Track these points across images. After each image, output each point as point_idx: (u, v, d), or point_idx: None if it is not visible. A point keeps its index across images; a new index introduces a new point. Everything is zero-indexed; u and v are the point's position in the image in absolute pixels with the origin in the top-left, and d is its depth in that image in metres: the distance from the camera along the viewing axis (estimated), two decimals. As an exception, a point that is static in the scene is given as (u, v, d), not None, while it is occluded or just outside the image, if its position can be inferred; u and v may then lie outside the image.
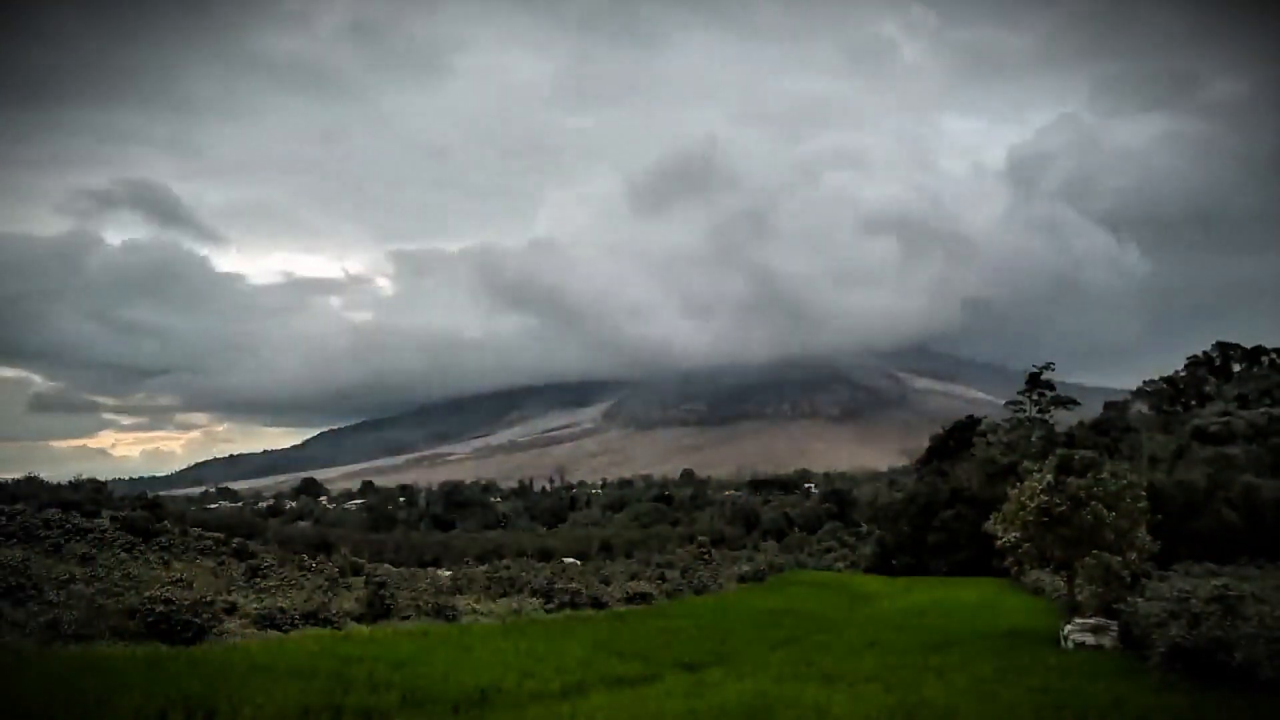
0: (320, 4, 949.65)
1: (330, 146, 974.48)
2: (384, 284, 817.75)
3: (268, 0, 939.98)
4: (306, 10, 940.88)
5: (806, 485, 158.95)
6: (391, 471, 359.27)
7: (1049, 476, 19.83)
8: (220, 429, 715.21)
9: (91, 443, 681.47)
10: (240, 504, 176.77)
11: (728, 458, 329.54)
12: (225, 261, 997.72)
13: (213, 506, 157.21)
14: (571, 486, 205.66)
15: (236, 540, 52.05)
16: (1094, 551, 19.15)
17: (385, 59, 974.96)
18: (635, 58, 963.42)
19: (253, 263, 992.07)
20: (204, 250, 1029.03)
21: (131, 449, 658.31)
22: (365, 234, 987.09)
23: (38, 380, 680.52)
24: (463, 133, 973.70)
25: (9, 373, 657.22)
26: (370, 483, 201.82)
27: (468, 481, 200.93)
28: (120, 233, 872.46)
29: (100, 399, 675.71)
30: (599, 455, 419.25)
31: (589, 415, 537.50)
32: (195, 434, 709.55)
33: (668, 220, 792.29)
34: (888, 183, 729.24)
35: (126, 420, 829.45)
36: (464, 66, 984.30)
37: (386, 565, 54.27)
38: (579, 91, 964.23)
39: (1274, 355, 67.61)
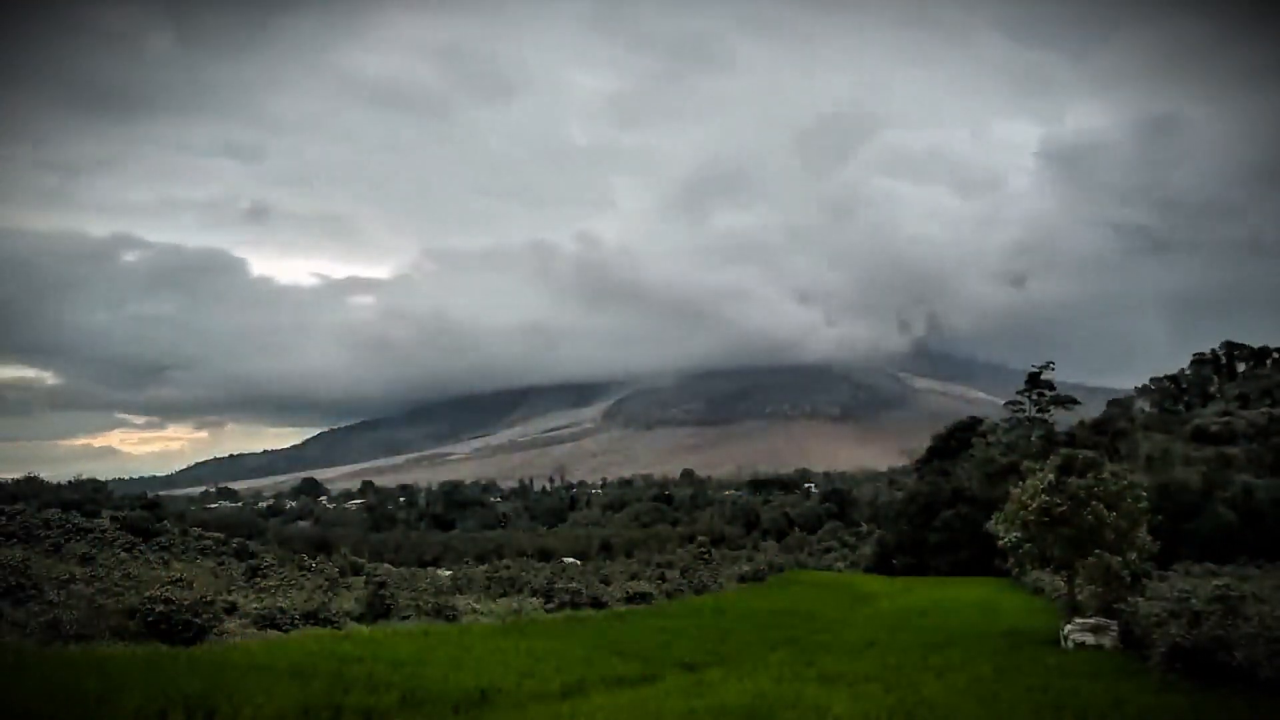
0: (411, 28, 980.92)
1: (398, 159, 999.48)
2: (423, 285, 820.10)
3: (362, 24, 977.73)
4: (400, 34, 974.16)
5: (806, 485, 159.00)
6: (391, 471, 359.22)
7: (1050, 476, 19.80)
8: (227, 428, 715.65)
9: (97, 441, 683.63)
10: (240, 504, 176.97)
11: (728, 458, 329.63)
12: (263, 265, 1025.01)
13: (213, 506, 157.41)
14: (571, 486, 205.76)
15: (236, 540, 52.21)
16: (1095, 551, 19.13)
17: (468, 79, 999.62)
18: (697, 75, 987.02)
19: (290, 266, 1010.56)
20: (244, 253, 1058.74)
21: (137, 448, 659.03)
22: (411, 239, 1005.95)
23: (49, 377, 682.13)
24: (526, 146, 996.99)
25: (28, 372, 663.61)
26: (370, 483, 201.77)
27: (468, 481, 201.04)
28: (165, 236, 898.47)
29: (110, 399, 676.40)
30: (599, 455, 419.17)
31: (589, 415, 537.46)
32: (202, 434, 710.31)
33: (706, 222, 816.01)
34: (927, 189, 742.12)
35: (138, 419, 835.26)
36: (537, 85, 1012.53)
37: (386, 565, 54.33)
38: (639, 106, 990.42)
39: (1278, 355, 67.60)
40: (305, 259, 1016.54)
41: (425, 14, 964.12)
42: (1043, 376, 57.36)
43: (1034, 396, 57.33)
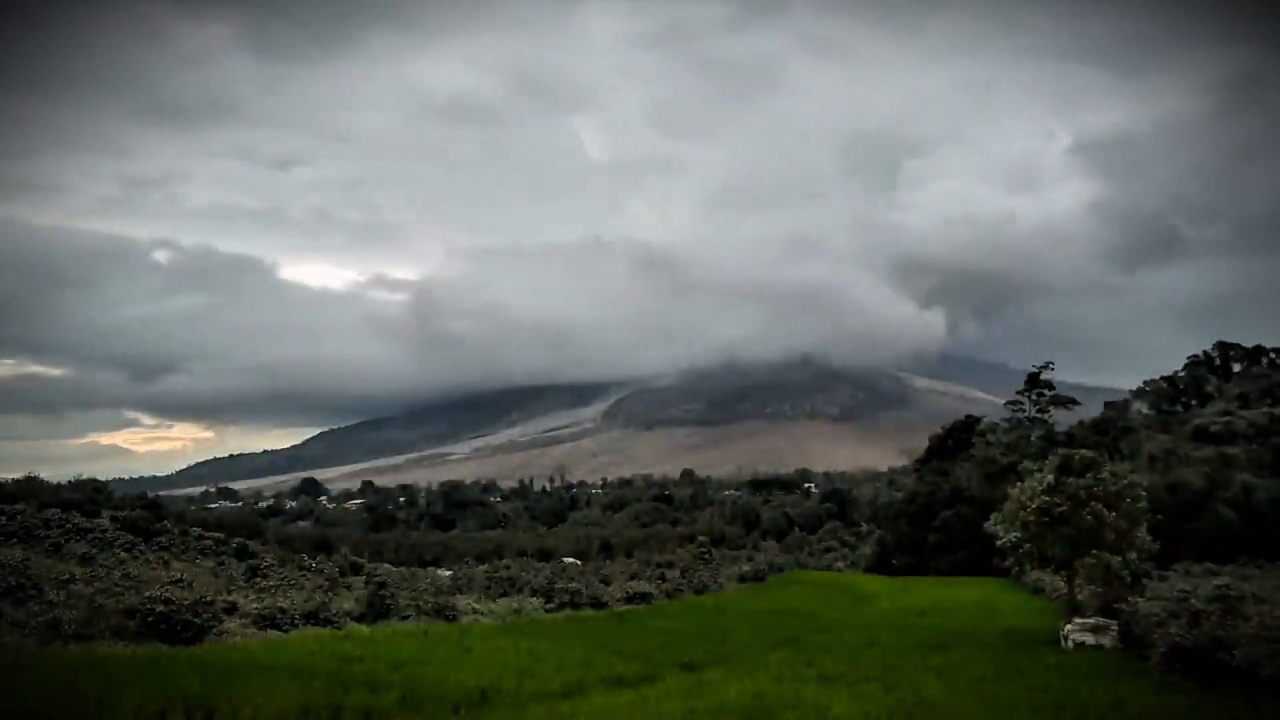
0: (478, 45, 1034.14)
1: (448, 168, 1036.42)
2: (448, 286, 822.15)
3: (437, 44, 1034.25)
4: (465, 50, 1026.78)
5: (806, 485, 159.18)
6: (391, 471, 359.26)
7: (1049, 476, 19.80)
8: (229, 428, 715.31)
9: (104, 440, 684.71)
10: (240, 504, 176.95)
11: (728, 458, 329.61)
12: (296, 269, 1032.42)
13: (213, 506, 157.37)
14: (571, 486, 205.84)
15: (236, 540, 52.19)
16: (1094, 551, 19.14)
17: (527, 93, 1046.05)
18: (747, 92, 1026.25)
19: (321, 270, 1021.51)
20: (280, 258, 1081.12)
21: (140, 447, 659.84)
22: (443, 243, 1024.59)
23: (61, 374, 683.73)
24: (574, 157, 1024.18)
25: (39, 369, 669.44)
26: (370, 483, 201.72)
27: (468, 481, 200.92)
28: (204, 239, 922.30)
29: (117, 397, 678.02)
30: (599, 455, 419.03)
31: (589, 415, 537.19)
32: (209, 434, 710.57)
33: (740, 225, 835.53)
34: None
35: (148, 419, 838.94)
36: (592, 97, 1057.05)
37: (386, 565, 54.27)
38: (689, 119, 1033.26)
39: (1273, 355, 67.57)
40: (338, 264, 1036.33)
41: (493, 32, 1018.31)
42: (1043, 376, 57.36)
43: (1034, 396, 57.35)
